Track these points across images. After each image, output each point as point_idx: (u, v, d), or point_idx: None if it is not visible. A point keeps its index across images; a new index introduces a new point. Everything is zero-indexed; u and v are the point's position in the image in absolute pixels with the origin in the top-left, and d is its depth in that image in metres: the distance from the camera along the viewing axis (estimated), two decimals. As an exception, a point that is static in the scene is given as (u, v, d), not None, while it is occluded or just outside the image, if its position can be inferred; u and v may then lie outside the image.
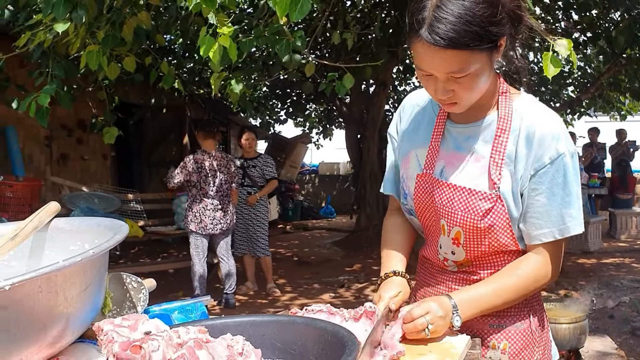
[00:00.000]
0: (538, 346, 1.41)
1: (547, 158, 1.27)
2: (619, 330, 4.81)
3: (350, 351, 0.85)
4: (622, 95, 11.72)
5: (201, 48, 3.41)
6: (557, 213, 1.29)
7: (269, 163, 6.37)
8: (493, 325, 1.39)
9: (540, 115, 1.31)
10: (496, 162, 1.30)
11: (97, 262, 1.05)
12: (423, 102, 1.48)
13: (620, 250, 8.64)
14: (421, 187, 1.39)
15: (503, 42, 1.23)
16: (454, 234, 1.34)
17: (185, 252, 8.39)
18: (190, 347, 0.78)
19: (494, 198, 1.29)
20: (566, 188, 1.29)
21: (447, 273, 1.44)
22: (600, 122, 13.77)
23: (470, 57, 1.18)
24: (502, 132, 1.31)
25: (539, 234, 1.31)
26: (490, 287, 1.33)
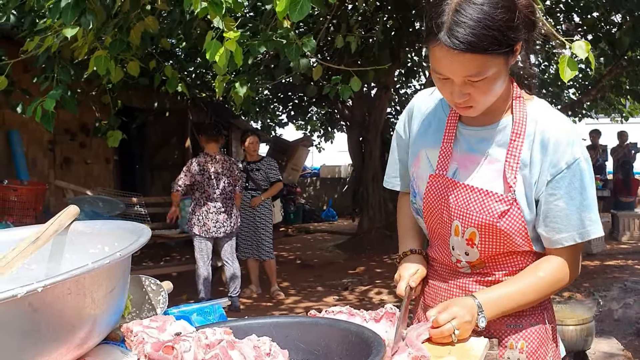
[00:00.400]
0: (551, 343, 1.44)
1: (564, 163, 1.28)
2: (624, 331, 4.82)
3: (377, 351, 0.86)
4: (623, 98, 11.75)
5: (207, 52, 3.43)
6: (577, 217, 1.30)
7: (273, 166, 6.38)
8: (510, 325, 1.40)
9: (554, 121, 1.32)
10: (511, 166, 1.31)
11: (122, 264, 1.06)
12: (433, 102, 1.49)
13: (623, 252, 8.65)
14: (433, 187, 1.39)
15: (519, 47, 1.25)
16: (469, 235, 1.35)
17: (188, 255, 8.41)
18: (223, 347, 0.79)
19: (510, 201, 1.30)
20: (584, 192, 1.30)
21: (460, 275, 1.44)
22: (601, 124, 13.79)
23: (488, 61, 1.19)
24: (517, 137, 1.32)
25: (559, 238, 1.32)
26: (514, 288, 1.34)
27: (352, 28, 6.79)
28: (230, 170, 5.64)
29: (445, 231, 1.41)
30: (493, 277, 1.40)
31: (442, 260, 1.47)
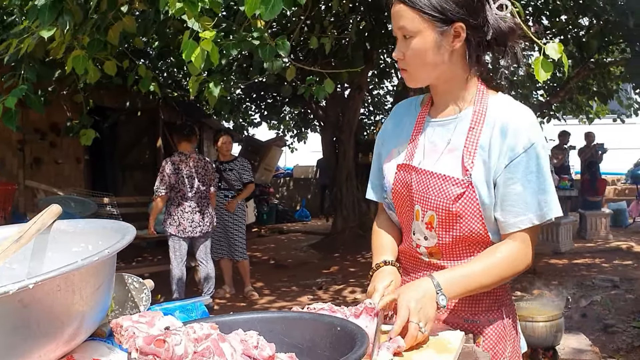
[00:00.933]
0: (509, 339, 1.47)
1: (521, 147, 1.34)
2: (592, 328, 4.95)
3: (361, 343, 0.90)
4: (590, 99, 12.01)
5: (184, 52, 3.42)
6: (534, 200, 1.35)
7: (246, 167, 6.38)
8: (468, 320, 1.45)
9: (514, 109, 1.40)
10: (469, 152, 1.37)
11: (109, 262, 1.08)
12: (409, 106, 1.58)
13: (590, 250, 8.85)
14: (400, 176, 1.47)
15: (460, 31, 1.34)
16: (428, 218, 1.41)
17: (160, 256, 8.35)
18: (215, 340, 0.82)
19: (465, 184, 1.36)
20: (540, 176, 1.35)
21: (419, 265, 1.49)
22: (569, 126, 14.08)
23: (416, 21, 1.33)
24: (476, 124, 1.39)
25: (516, 221, 1.37)
26: (474, 267, 1.37)
27: (326, 29, 6.83)
28: (204, 170, 5.62)
29: (409, 217, 1.47)
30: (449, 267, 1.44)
31: (405, 248, 1.52)
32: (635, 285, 6.37)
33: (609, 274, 6.98)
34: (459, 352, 1.22)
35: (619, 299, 5.82)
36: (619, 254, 8.44)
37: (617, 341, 4.63)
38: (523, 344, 1.57)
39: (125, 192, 9.76)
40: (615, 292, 6.11)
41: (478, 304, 1.45)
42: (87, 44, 3.67)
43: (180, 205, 5.49)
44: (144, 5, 4.51)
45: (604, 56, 10.04)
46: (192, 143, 5.64)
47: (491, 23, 1.37)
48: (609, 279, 6.57)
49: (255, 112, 13.48)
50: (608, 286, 6.33)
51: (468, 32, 1.35)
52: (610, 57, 10.47)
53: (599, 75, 10.65)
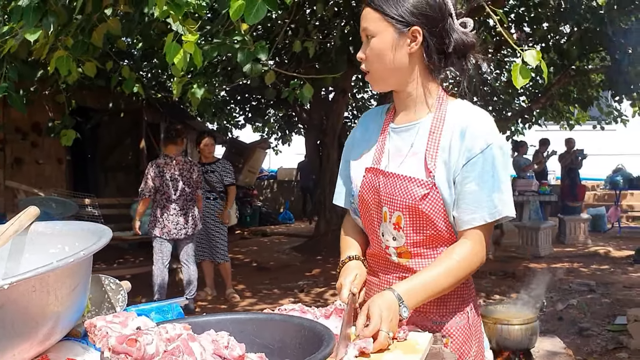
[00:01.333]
0: (475, 339, 1.53)
1: (478, 148, 1.41)
2: (567, 331, 5.03)
3: (327, 343, 0.93)
4: (571, 106, 12.19)
5: (167, 54, 3.43)
6: (488, 198, 1.42)
7: (228, 169, 6.38)
8: (435, 322, 1.50)
9: (473, 113, 1.47)
10: (431, 154, 1.45)
11: (85, 263, 1.10)
12: (375, 114, 1.66)
13: (569, 255, 8.97)
14: (367, 179, 1.53)
15: (417, 35, 1.42)
16: (395, 219, 1.47)
17: (142, 257, 8.32)
18: (184, 340, 0.85)
19: (429, 185, 1.43)
20: (495, 175, 1.42)
21: (389, 266, 1.55)
22: (550, 132, 14.26)
23: (377, 22, 1.42)
24: (436, 129, 1.47)
25: (470, 219, 1.43)
26: (431, 274, 1.42)
27: (310, 33, 6.87)
28: (190, 172, 5.62)
29: (377, 219, 1.52)
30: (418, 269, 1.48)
31: (374, 251, 1.58)
32: (611, 289, 6.48)
33: (586, 278, 7.09)
34: (426, 353, 1.25)
35: (595, 303, 5.91)
36: (596, 259, 8.57)
37: (591, 344, 4.71)
38: (486, 343, 1.62)
39: (107, 193, 9.72)
40: (592, 296, 6.21)
41: (445, 305, 1.50)
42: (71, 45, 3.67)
43: (164, 208, 5.50)
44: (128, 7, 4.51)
45: (584, 64, 10.20)
46: (177, 146, 5.65)
47: (454, 36, 1.45)
48: (586, 283, 6.68)
49: (240, 114, 13.48)
50: (585, 290, 6.43)
51: (425, 38, 1.43)
52: (591, 65, 10.63)
53: (580, 82, 10.82)
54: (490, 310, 3.71)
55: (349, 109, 12.08)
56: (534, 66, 2.98)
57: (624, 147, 17.24)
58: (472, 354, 1.51)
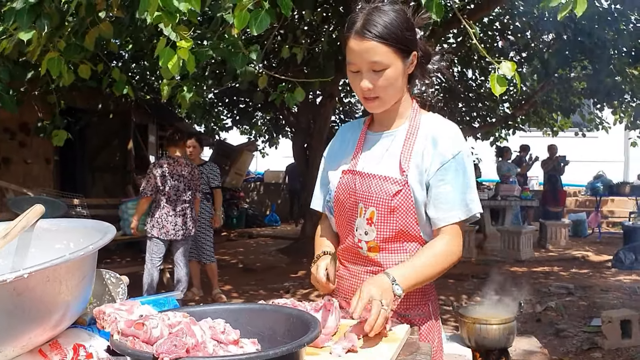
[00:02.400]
0: (436, 331, 1.68)
1: (450, 154, 1.58)
2: (545, 332, 5.18)
3: (314, 328, 1.04)
4: (554, 113, 12.41)
5: (160, 59, 3.51)
6: (461, 198, 1.59)
7: (215, 172, 6.45)
8: (401, 314, 1.63)
9: (443, 125, 1.65)
10: (406, 157, 1.61)
11: (92, 257, 1.20)
12: (353, 125, 1.82)
13: (549, 259, 9.15)
14: (344, 179, 1.68)
15: (414, 58, 1.58)
16: (369, 214, 1.61)
17: (129, 258, 8.39)
18: (187, 323, 0.95)
19: (402, 182, 1.59)
20: (465, 178, 1.60)
21: (359, 258, 1.68)
22: (533, 138, 14.48)
23: (389, 54, 1.52)
24: (411, 135, 1.64)
25: (447, 216, 1.59)
26: (421, 261, 1.56)
27: (299, 38, 6.98)
28: (191, 175, 5.71)
29: (352, 215, 1.66)
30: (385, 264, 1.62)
31: (347, 246, 1.71)
32: (589, 292, 6.65)
33: (565, 281, 7.26)
34: (404, 342, 1.37)
35: (573, 305, 6.07)
36: (576, 263, 8.76)
37: (567, 345, 4.86)
38: (444, 336, 1.77)
39: (95, 193, 9.75)
40: (570, 298, 6.38)
41: (409, 299, 1.63)
42: (63, 48, 3.75)
43: (165, 208, 5.57)
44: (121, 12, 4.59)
45: (566, 72, 10.41)
46: (180, 148, 5.75)
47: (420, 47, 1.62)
48: (565, 286, 6.85)
49: (227, 116, 13.54)
50: (563, 293, 6.60)
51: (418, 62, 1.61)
52: (573, 73, 10.85)
53: (562, 90, 11.03)
54: (470, 310, 3.85)
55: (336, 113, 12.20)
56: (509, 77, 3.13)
57: (604, 154, 17.54)
58: (435, 344, 1.64)
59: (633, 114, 11.47)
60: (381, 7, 1.54)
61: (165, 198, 5.57)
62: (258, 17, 3.10)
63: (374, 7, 1.54)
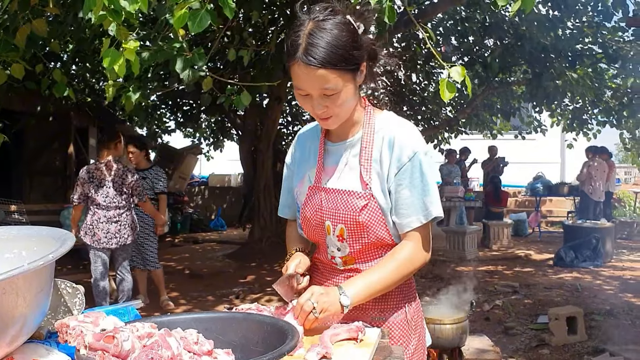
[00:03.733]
0: (414, 334, 1.65)
1: (406, 157, 1.55)
2: (494, 330, 5.29)
3: (292, 336, 1.00)
4: (494, 116, 12.77)
5: (105, 60, 3.39)
6: (420, 201, 1.56)
7: (160, 176, 6.24)
8: (375, 317, 1.61)
9: (398, 125, 1.60)
10: (366, 168, 1.57)
11: (50, 267, 1.13)
12: (312, 133, 1.75)
13: (493, 258, 9.39)
14: (310, 196, 1.64)
15: (363, 68, 1.51)
16: (339, 231, 1.58)
17: (70, 265, 8.07)
18: (162, 334, 0.90)
19: (367, 196, 1.55)
20: (424, 179, 1.56)
21: (335, 272, 1.66)
22: (474, 140, 14.85)
23: (337, 77, 1.44)
24: (367, 144, 1.59)
25: (408, 222, 1.57)
26: (376, 273, 1.55)
27: (245, 40, 6.90)
28: (122, 179, 5.46)
29: (322, 233, 1.62)
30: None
31: (322, 259, 1.69)
32: (533, 290, 6.85)
33: (510, 280, 7.46)
34: (376, 347, 1.35)
35: (519, 304, 6.24)
36: (519, 262, 9.01)
37: (516, 342, 4.98)
38: (428, 337, 1.74)
39: (34, 199, 9.35)
40: (516, 297, 6.55)
41: (386, 301, 1.62)
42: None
43: (95, 215, 5.35)
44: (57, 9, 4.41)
45: (507, 76, 10.72)
46: (110, 150, 5.50)
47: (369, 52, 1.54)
48: (510, 285, 7.03)
49: (171, 119, 13.26)
50: (509, 291, 6.77)
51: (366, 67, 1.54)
52: (513, 77, 11.19)
53: (503, 93, 11.36)
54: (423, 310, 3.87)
55: (283, 115, 12.15)
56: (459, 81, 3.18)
57: (542, 155, 18.18)
58: (412, 347, 1.63)
59: (570, 117, 11.93)
60: (322, 24, 1.43)
61: (95, 204, 5.35)
62: (197, 16, 3.04)
63: (315, 25, 1.43)
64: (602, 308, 5.91)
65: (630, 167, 23.37)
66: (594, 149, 11.09)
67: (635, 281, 7.49)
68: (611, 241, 9.24)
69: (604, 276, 7.81)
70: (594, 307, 5.96)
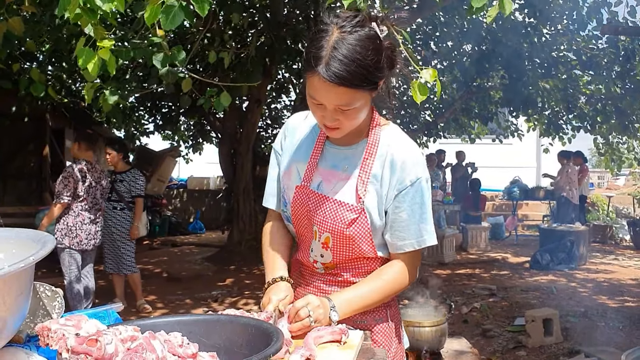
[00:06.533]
0: (394, 336, 1.67)
1: (409, 181, 1.53)
2: (472, 332, 5.34)
3: (277, 338, 1.00)
4: (472, 120, 12.89)
5: (79, 59, 3.35)
6: (416, 227, 1.55)
7: (138, 179, 6.17)
8: (357, 321, 1.61)
9: (403, 145, 1.57)
10: (363, 180, 1.54)
11: (30, 270, 1.10)
12: (306, 124, 1.69)
13: (471, 261, 9.47)
14: (298, 197, 1.60)
15: (381, 83, 1.47)
16: (324, 239, 1.56)
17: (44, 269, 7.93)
18: (147, 337, 0.89)
19: (358, 210, 1.52)
20: (423, 207, 1.55)
21: (315, 274, 1.65)
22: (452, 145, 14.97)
23: (356, 94, 1.40)
24: (369, 156, 1.55)
25: (401, 245, 1.56)
26: (361, 291, 1.55)
27: (226, 42, 6.88)
28: (104, 181, 5.48)
29: (308, 235, 1.61)
30: (342, 278, 1.62)
31: (303, 261, 1.67)
32: (510, 293, 6.92)
33: (487, 283, 7.53)
34: (359, 349, 1.35)
35: (496, 306, 6.30)
36: (496, 265, 9.11)
37: (494, 344, 5.02)
38: (405, 341, 1.76)
39: (7, 202, 9.19)
40: (493, 299, 6.61)
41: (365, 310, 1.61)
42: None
43: (79, 216, 5.27)
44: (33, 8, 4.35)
45: (484, 81, 10.84)
46: (95, 152, 5.48)
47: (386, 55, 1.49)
48: (487, 287, 7.10)
49: (149, 121, 13.14)
50: (487, 294, 6.83)
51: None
52: (491, 83, 11.32)
53: (480, 98, 11.48)
54: (402, 313, 3.90)
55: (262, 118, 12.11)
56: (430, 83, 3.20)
57: (520, 160, 18.41)
58: (393, 350, 1.64)
59: (545, 122, 12.10)
60: (349, 39, 1.37)
61: (81, 205, 5.28)
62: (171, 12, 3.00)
63: (341, 38, 1.36)
64: (577, 310, 6.00)
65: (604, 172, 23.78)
66: (568, 154, 11.24)
67: (609, 284, 7.62)
68: (585, 244, 9.38)
69: (578, 279, 7.93)
70: (569, 309, 6.04)
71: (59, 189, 5.23)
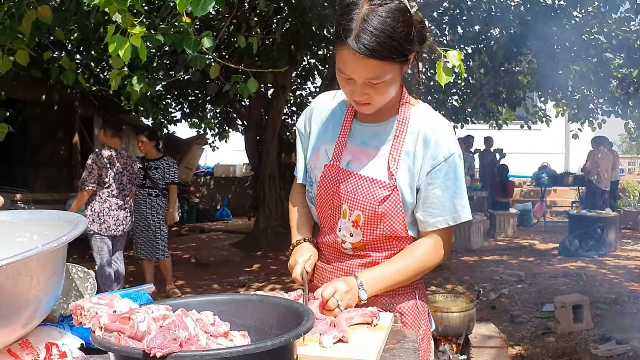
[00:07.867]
0: (423, 318, 1.65)
1: (442, 157, 1.51)
2: (500, 318, 5.30)
3: (307, 318, 1.00)
4: (500, 106, 12.70)
5: (110, 46, 3.37)
6: (450, 203, 1.53)
7: (172, 166, 6.24)
8: (385, 304, 1.59)
9: (435, 121, 1.55)
10: (394, 158, 1.52)
11: (62, 250, 1.12)
12: (332, 104, 1.68)
13: (499, 248, 9.39)
14: (327, 175, 1.57)
15: (412, 57, 1.45)
16: (354, 217, 1.54)
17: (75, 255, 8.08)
18: (179, 315, 0.89)
19: (391, 187, 1.50)
20: (457, 182, 1.53)
21: (343, 257, 1.63)
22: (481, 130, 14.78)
23: (386, 67, 1.39)
24: (400, 133, 1.53)
25: (434, 222, 1.54)
26: (392, 268, 1.54)
27: (252, 29, 6.87)
28: (132, 167, 5.55)
29: (335, 215, 1.58)
30: (371, 259, 1.59)
31: (329, 242, 1.64)
32: (539, 279, 6.85)
33: (515, 269, 7.45)
34: (389, 331, 1.34)
35: (524, 292, 6.24)
36: (524, 251, 9.01)
37: (522, 330, 4.98)
38: (432, 322, 1.74)
39: (38, 189, 9.36)
40: (521, 285, 6.55)
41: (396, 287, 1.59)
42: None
43: (107, 202, 5.36)
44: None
45: (512, 66, 10.66)
46: (121, 139, 5.56)
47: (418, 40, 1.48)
48: (515, 274, 7.03)
49: (176, 109, 13.24)
50: (515, 280, 6.77)
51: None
52: (519, 67, 11.12)
53: (508, 83, 11.29)
54: (430, 299, 3.88)
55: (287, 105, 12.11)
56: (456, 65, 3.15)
57: (548, 145, 18.11)
58: (422, 332, 1.62)
59: (575, 107, 11.86)
60: (378, 11, 1.35)
61: (107, 191, 5.36)
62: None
63: (371, 10, 1.35)
64: (608, 297, 5.91)
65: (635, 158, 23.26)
66: (599, 139, 11.05)
67: (641, 271, 7.48)
68: (615, 231, 9.22)
69: (608, 265, 7.80)
70: (599, 295, 5.95)
71: (84, 177, 5.33)
